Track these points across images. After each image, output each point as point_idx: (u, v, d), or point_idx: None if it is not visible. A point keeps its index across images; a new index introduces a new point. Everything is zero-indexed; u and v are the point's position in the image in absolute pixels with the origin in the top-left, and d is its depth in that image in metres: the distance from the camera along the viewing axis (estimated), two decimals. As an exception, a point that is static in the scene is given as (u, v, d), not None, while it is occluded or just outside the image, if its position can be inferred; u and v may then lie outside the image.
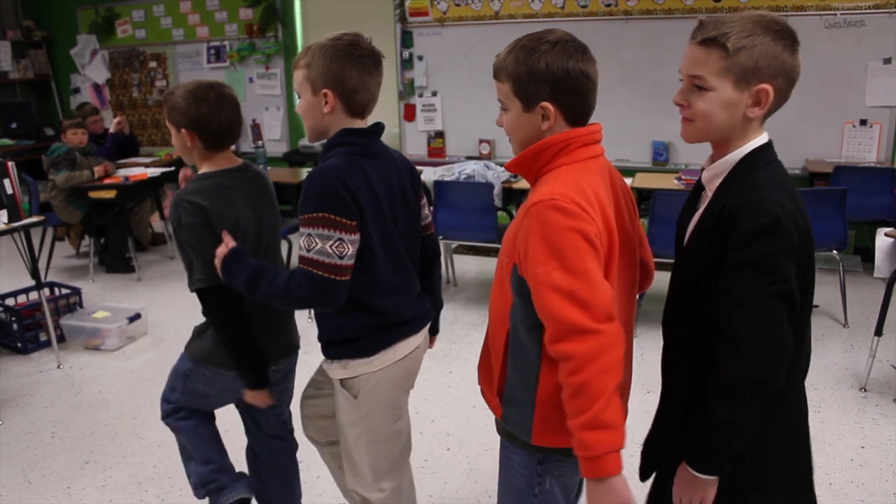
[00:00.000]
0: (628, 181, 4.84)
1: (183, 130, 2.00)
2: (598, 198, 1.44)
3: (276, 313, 2.15)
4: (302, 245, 1.72)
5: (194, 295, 2.02)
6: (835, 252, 4.24)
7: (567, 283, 1.34)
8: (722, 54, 1.33)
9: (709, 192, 1.45)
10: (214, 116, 1.99)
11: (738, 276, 1.31)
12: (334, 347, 1.92)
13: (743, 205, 1.32)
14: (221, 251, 1.87)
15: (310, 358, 2.25)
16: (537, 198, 1.41)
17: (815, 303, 3.44)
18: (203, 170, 2.06)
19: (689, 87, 1.40)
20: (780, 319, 1.31)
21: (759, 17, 1.34)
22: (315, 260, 1.70)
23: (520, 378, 1.55)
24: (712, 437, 1.39)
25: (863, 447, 3.02)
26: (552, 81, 1.47)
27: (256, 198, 2.10)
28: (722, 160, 1.42)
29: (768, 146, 1.42)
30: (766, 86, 1.34)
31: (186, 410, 2.29)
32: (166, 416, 2.32)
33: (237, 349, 2.04)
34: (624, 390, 1.65)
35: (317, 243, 1.70)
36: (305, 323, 3.35)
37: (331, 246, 1.70)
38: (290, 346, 2.27)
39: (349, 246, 1.72)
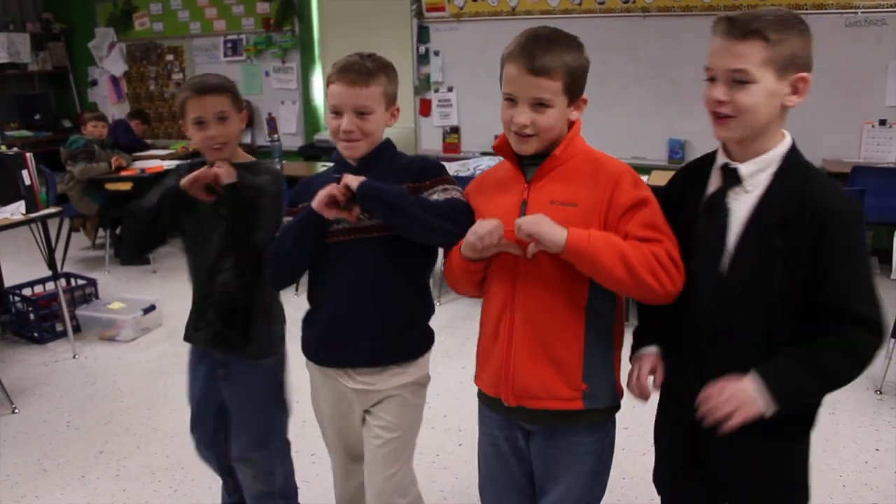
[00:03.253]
0: (644, 178, 4.81)
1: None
2: None
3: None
4: (442, 195, 1.79)
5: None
6: (852, 253, 4.20)
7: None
8: (764, 45, 1.37)
9: (749, 187, 1.46)
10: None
11: (851, 261, 1.39)
12: (415, 345, 1.96)
13: (831, 196, 1.40)
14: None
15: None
16: (620, 167, 1.61)
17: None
18: None
19: (729, 83, 1.41)
20: None
21: (784, 12, 1.41)
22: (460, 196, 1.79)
23: (601, 349, 1.63)
24: (812, 375, 1.41)
25: (877, 450, 3.00)
26: (586, 74, 1.60)
27: None
28: (766, 155, 1.45)
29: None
30: (805, 74, 1.40)
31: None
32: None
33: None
34: None
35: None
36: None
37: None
38: (232, 345, 2.14)
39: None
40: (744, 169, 1.46)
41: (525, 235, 1.51)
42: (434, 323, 2.00)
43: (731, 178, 1.48)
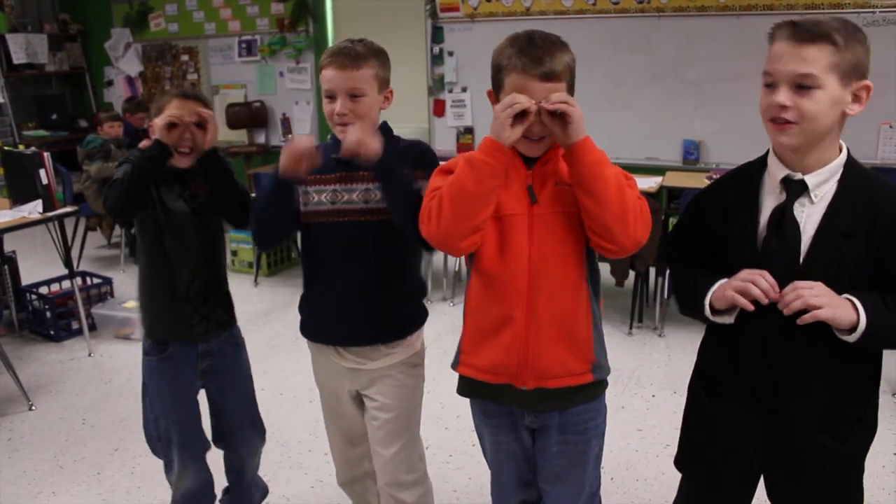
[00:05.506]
0: (658, 179, 4.80)
1: None
2: None
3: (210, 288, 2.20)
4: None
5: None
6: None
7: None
8: (832, 49, 1.36)
9: (815, 199, 1.46)
10: None
11: None
12: (406, 323, 2.02)
13: None
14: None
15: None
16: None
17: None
18: None
19: (793, 88, 1.39)
20: None
21: (846, 19, 1.40)
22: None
23: (599, 320, 1.70)
24: None
25: (895, 454, 2.98)
26: None
27: None
28: (830, 165, 1.46)
29: None
30: (868, 82, 1.40)
31: None
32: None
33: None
34: None
35: None
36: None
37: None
38: (220, 324, 2.24)
39: None
40: (811, 180, 1.46)
41: (552, 108, 1.50)
42: (447, 322, 2.02)
43: (798, 190, 1.47)
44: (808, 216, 1.46)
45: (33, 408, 3.55)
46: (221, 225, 2.22)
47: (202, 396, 2.31)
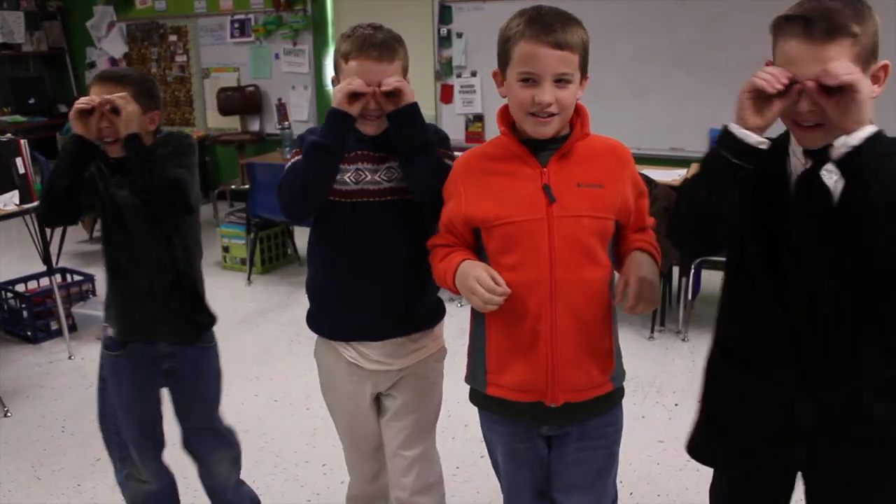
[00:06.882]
0: (682, 172, 4.79)
1: None
2: None
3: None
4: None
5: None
6: None
7: None
8: (852, 41, 1.33)
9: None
10: None
11: None
12: (431, 312, 2.06)
13: None
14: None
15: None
16: (624, 146, 1.73)
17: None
18: None
19: (818, 89, 1.35)
20: None
21: None
22: None
23: (616, 326, 1.72)
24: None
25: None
26: None
27: None
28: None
29: None
30: (886, 62, 1.39)
31: None
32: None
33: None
34: None
35: None
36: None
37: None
38: (195, 326, 2.24)
39: None
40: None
41: (634, 295, 1.61)
42: (455, 325, 2.03)
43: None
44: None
45: (8, 414, 3.56)
46: (192, 221, 2.20)
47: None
